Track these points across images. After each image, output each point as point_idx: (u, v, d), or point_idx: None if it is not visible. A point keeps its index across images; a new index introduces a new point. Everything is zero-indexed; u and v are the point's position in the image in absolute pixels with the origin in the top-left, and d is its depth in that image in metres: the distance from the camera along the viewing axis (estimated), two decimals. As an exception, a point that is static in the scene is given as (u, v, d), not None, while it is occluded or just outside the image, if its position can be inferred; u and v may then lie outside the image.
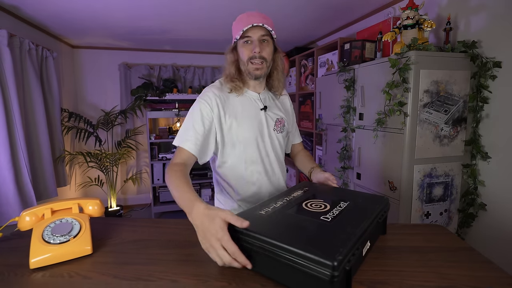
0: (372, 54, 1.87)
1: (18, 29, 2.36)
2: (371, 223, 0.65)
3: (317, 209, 0.71)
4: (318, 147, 2.64)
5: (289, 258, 0.53)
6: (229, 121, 1.01)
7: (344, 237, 0.56)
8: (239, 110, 1.04)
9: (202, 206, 0.67)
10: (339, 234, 0.58)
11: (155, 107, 3.40)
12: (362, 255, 0.62)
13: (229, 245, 0.59)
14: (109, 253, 0.70)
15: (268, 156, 1.10)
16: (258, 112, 1.08)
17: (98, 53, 3.52)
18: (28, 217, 0.71)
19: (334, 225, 0.62)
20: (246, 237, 0.60)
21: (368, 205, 0.74)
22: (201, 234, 0.65)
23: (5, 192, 2.11)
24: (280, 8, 2.20)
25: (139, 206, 3.88)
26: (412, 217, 1.48)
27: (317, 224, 0.63)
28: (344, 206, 0.73)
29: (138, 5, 2.11)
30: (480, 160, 1.52)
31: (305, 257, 0.51)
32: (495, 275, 0.61)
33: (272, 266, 0.57)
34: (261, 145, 1.07)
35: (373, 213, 0.69)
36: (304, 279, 0.52)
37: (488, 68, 1.43)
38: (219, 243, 0.60)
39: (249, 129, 1.04)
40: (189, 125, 0.98)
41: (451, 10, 1.66)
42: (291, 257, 0.53)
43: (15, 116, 2.16)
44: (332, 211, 0.70)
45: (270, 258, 0.56)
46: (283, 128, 1.14)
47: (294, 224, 0.64)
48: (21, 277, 0.60)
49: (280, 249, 0.54)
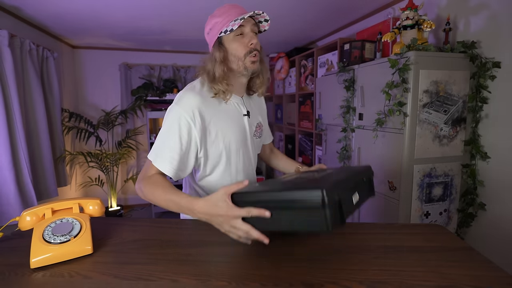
0: (372, 55, 1.87)
1: (19, 30, 2.36)
2: (355, 175, 0.72)
3: (308, 176, 0.78)
4: (318, 147, 2.64)
5: (285, 203, 0.61)
6: (213, 133, 0.89)
7: (329, 179, 0.64)
8: (224, 118, 0.91)
9: (201, 201, 0.71)
10: (326, 178, 0.66)
11: (155, 107, 3.40)
12: (352, 201, 0.65)
13: (242, 226, 0.65)
14: (110, 253, 0.71)
15: (251, 164, 1.04)
16: (241, 118, 0.97)
17: (98, 53, 3.52)
18: (28, 217, 0.71)
19: (321, 177, 0.70)
20: (248, 198, 0.66)
21: (351, 168, 0.83)
22: (214, 223, 0.70)
23: (6, 192, 2.12)
24: (280, 8, 2.20)
25: (139, 206, 3.88)
26: (412, 217, 1.49)
27: (307, 179, 0.72)
28: (331, 171, 0.80)
29: (139, 5, 2.12)
30: (480, 160, 1.52)
31: (298, 195, 0.59)
32: (495, 275, 0.61)
33: (274, 219, 0.63)
34: (246, 154, 0.99)
35: (355, 169, 0.77)
36: (302, 217, 0.59)
37: (487, 68, 1.43)
38: (233, 227, 0.66)
39: (235, 139, 0.94)
40: (165, 141, 0.85)
41: (451, 10, 1.66)
42: (287, 202, 0.60)
43: (16, 116, 2.16)
44: (320, 173, 0.78)
45: (271, 210, 0.62)
46: (261, 133, 1.08)
47: (286, 182, 0.73)
48: (21, 277, 0.60)
49: (277, 197, 0.62)
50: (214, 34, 0.89)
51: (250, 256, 0.69)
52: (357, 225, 0.90)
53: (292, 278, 0.60)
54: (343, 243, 0.75)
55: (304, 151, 2.98)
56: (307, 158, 2.91)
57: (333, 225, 0.56)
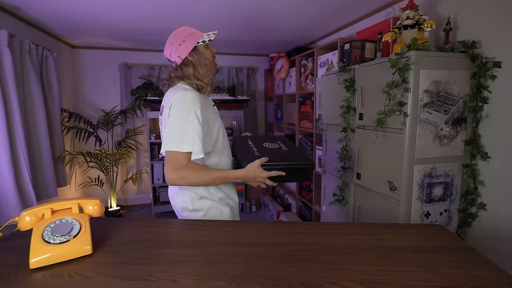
0: (372, 54, 1.87)
1: (18, 29, 2.36)
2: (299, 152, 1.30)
3: (274, 147, 1.31)
4: (318, 147, 2.64)
5: (294, 167, 1.15)
6: (211, 120, 1.13)
7: (302, 153, 1.29)
8: (210, 109, 1.16)
9: (242, 170, 1.08)
10: (300, 152, 1.30)
11: (155, 107, 3.40)
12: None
13: (267, 182, 1.10)
14: (109, 253, 0.70)
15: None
16: (215, 108, 1.24)
17: (98, 53, 3.52)
18: (28, 217, 0.71)
19: (298, 150, 1.31)
20: (272, 167, 1.11)
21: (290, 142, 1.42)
22: (251, 181, 1.10)
23: (5, 192, 2.12)
24: (280, 7, 2.20)
25: (139, 206, 3.88)
26: (412, 217, 1.48)
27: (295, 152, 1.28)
28: (286, 149, 1.30)
29: (138, 5, 2.11)
30: (480, 160, 1.52)
31: (302, 164, 1.16)
32: (495, 275, 0.61)
33: (283, 176, 1.12)
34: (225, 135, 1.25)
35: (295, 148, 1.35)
36: (299, 174, 1.18)
37: (488, 68, 1.43)
38: (261, 183, 1.11)
39: (220, 124, 1.20)
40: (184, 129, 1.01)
41: (451, 10, 1.66)
42: (296, 166, 1.15)
43: (15, 116, 2.16)
44: (287, 146, 1.34)
45: (285, 171, 1.12)
46: None
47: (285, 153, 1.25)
48: (21, 277, 0.60)
49: (289, 166, 1.14)
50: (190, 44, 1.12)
51: (250, 256, 0.69)
52: (357, 225, 0.90)
53: (292, 278, 0.60)
54: (343, 243, 0.75)
55: (305, 151, 2.98)
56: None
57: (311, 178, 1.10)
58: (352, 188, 1.91)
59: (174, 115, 1.02)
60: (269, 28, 2.74)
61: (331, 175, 2.14)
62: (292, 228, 0.89)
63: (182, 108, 1.02)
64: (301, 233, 0.84)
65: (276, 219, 3.34)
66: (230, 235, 0.81)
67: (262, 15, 2.36)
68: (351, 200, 1.91)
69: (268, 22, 2.56)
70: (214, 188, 1.17)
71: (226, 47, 3.55)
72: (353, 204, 1.90)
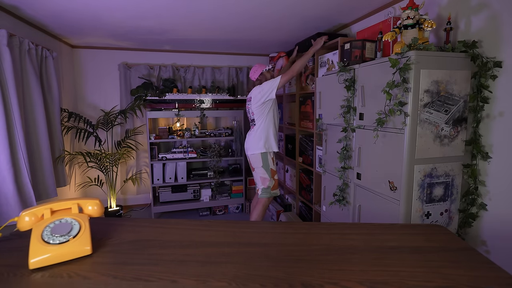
0: (372, 54, 1.87)
1: (18, 29, 2.36)
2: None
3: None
4: (318, 147, 2.64)
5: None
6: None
7: None
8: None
9: (311, 49, 2.41)
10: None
11: (155, 107, 3.39)
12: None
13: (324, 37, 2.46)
14: (109, 253, 0.70)
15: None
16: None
17: (98, 53, 3.52)
18: (27, 217, 0.70)
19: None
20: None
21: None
22: (315, 47, 2.41)
23: (5, 192, 2.11)
24: (280, 7, 2.20)
25: (139, 206, 3.87)
26: (413, 217, 1.48)
27: None
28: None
29: (138, 5, 2.11)
30: (481, 160, 1.52)
31: None
32: (495, 275, 0.61)
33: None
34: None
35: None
36: None
37: (488, 68, 1.43)
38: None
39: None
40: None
41: (452, 9, 1.66)
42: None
43: (15, 116, 2.16)
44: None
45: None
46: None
47: None
48: (20, 278, 0.60)
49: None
50: (263, 68, 2.58)
51: (250, 256, 0.69)
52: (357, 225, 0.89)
53: (292, 278, 0.59)
54: (343, 243, 0.75)
55: (305, 151, 2.97)
56: (307, 158, 2.91)
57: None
58: (352, 188, 1.90)
59: (265, 87, 2.43)
60: (269, 28, 2.74)
61: (332, 175, 2.14)
62: (292, 228, 0.89)
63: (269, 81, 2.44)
64: (301, 233, 0.84)
65: (276, 219, 3.34)
66: (230, 235, 0.81)
67: (262, 14, 2.36)
68: (351, 200, 1.91)
69: (268, 21, 2.56)
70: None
71: (226, 47, 3.55)
72: (353, 204, 1.90)
